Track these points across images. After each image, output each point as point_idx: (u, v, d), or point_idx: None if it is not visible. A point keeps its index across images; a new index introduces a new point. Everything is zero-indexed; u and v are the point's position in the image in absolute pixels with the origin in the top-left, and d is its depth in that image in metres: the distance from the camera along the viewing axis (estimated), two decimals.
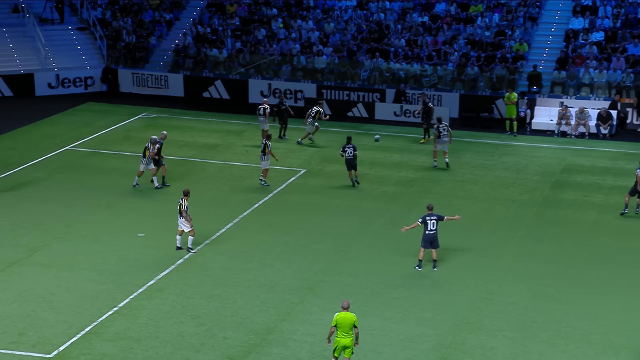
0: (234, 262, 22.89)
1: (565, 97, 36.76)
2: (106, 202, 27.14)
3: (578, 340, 18.79)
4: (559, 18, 40.71)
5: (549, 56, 39.07)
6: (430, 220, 22.08)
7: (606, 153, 32.65)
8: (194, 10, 45.45)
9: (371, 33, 41.47)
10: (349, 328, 16.89)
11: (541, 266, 22.61)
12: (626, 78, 36.72)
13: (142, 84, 41.82)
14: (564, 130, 34.96)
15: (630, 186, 26.30)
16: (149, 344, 18.68)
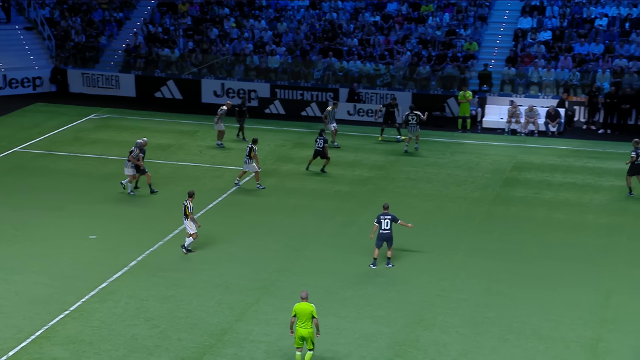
0: (189, 263, 22.75)
1: (515, 95, 37.26)
2: (56, 205, 26.76)
3: (529, 335, 19.07)
4: (508, 17, 41.28)
5: (498, 55, 39.58)
6: (384, 220, 22.22)
7: (555, 150, 33.20)
8: (144, 9, 45.07)
9: (324, 32, 41.56)
10: (307, 318, 17.07)
11: (493, 263, 22.89)
12: (573, 77, 37.36)
13: (93, 84, 41.38)
14: (514, 129, 35.45)
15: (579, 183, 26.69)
16: (102, 347, 18.47)
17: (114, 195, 27.88)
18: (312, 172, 30.35)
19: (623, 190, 28.31)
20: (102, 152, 32.54)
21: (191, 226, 23.07)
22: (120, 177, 28.94)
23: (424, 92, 38.35)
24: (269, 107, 38.52)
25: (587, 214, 26.42)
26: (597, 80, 36.76)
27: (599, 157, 32.30)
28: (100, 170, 30.43)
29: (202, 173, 30.11)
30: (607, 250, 23.55)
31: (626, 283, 21.65)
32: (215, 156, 32.11)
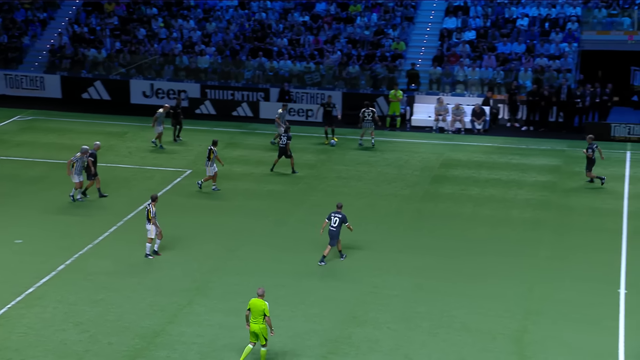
0: (119, 266, 22.42)
1: (442, 94, 37.79)
2: None
3: (457, 329, 19.39)
4: (434, 18, 41.85)
5: (425, 54, 40.10)
6: (333, 217, 22.61)
7: (481, 148, 33.82)
8: (69, 9, 44.23)
9: (254, 32, 41.45)
10: (259, 314, 17.25)
11: (423, 259, 23.19)
12: (497, 75, 38.13)
13: (16, 85, 40.46)
14: (442, 127, 35.98)
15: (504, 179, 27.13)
16: (29, 354, 18.06)
17: (41, 198, 27.27)
18: (243, 173, 30.24)
19: (546, 186, 29.05)
20: (28, 154, 31.81)
21: (153, 230, 22.64)
22: (45, 179, 28.36)
23: (353, 91, 38.61)
24: (199, 107, 38.24)
25: (511, 209, 26.99)
26: (520, 78, 37.60)
27: (523, 153, 33.04)
28: (27, 173, 29.74)
29: (132, 175, 29.70)
30: (531, 243, 24.12)
31: (549, 275, 22.22)
32: (145, 157, 31.71)
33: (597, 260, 23.06)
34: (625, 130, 34.60)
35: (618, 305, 20.54)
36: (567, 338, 18.98)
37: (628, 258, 23.22)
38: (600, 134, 34.41)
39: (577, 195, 28.26)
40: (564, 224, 25.73)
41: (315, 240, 24.30)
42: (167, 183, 28.81)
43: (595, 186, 28.92)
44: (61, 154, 31.56)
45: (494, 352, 18.43)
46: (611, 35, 39.05)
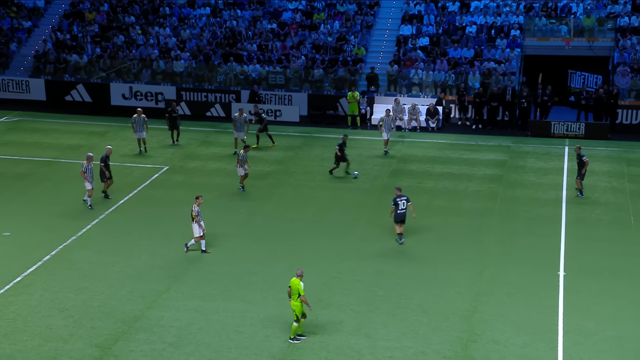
0: (101, 256, 22.17)
1: (399, 95, 37.91)
2: None
3: (414, 310, 19.49)
4: (391, 25, 41.94)
5: (383, 59, 40.17)
6: (400, 201, 22.86)
7: (435, 144, 33.99)
8: (52, 17, 43.56)
9: (225, 39, 41.19)
10: (294, 292, 17.45)
11: (382, 246, 23.26)
12: (448, 78, 38.36)
13: (3, 88, 39.77)
14: (399, 125, 36.06)
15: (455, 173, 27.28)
16: (17, 338, 17.80)
17: (27, 194, 26.86)
18: (217, 168, 30.03)
19: (494, 179, 29.29)
20: (14, 153, 31.30)
21: (197, 229, 21.99)
22: (32, 175, 27.93)
23: (318, 93, 38.56)
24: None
25: (463, 200, 27.18)
26: (469, 81, 37.85)
27: (473, 149, 33.27)
28: (13, 170, 29.27)
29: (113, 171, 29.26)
30: (480, 231, 24.33)
31: (497, 259, 22.42)
32: (125, 155, 31.37)
33: (539, 245, 23.32)
34: (564, 128, 35.04)
35: (557, 286, 20.80)
36: (512, 316, 19.19)
37: (566, 243, 23.52)
38: (541, 131, 35.01)
39: (521, 187, 28.54)
40: (510, 213, 25.97)
41: (284, 230, 24.28)
42: (145, 179, 28.55)
43: (538, 178, 29.22)
44: (45, 153, 31.16)
45: (447, 330, 18.56)
46: (550, 41, 39.62)
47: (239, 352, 17.48)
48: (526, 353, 17.66)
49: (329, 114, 37.32)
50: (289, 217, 25.28)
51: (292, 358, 17.37)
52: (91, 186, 25.18)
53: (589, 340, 18.17)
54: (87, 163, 25.18)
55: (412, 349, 17.74)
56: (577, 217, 25.56)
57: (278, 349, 17.70)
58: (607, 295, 20.31)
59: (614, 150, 33.04)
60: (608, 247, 23.29)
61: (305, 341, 18.04)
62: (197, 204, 22.10)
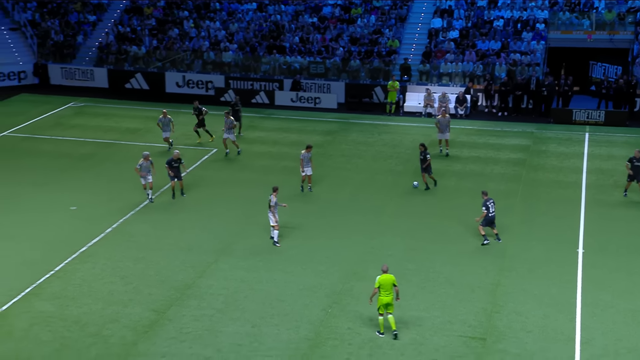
0: (156, 230, 22.44)
1: (430, 84, 37.54)
2: (41, 180, 26.08)
3: (442, 283, 19.37)
4: (423, 19, 41.41)
5: (416, 50, 39.73)
6: (491, 205, 21.29)
7: (463, 130, 33.59)
8: (114, 12, 43.94)
9: (270, 32, 41.13)
10: (390, 287, 16.51)
11: (413, 223, 23.13)
12: (477, 68, 37.81)
13: (71, 77, 40.28)
14: (430, 112, 35.74)
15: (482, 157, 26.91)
16: (83, 302, 18.16)
17: (91, 172, 27.28)
18: (261, 151, 30.09)
19: (517, 162, 28.87)
20: (80, 135, 31.76)
21: (272, 218, 21.11)
22: (95, 155, 28.30)
23: (355, 82, 38.33)
24: (223, 95, 38.04)
25: (488, 182, 26.83)
26: (496, 71, 37.28)
27: (498, 135, 32.82)
28: (78, 151, 29.71)
29: (167, 153, 29.61)
30: (505, 211, 23.98)
31: (519, 237, 22.15)
32: (178, 138, 31.60)
33: (560, 225, 22.97)
34: (585, 115, 34.34)
35: (576, 262, 20.49)
36: (533, 289, 18.97)
37: (586, 222, 23.12)
38: (563, 118, 34.35)
39: (543, 170, 28.08)
40: (532, 194, 25.60)
41: (323, 208, 24.27)
42: (196, 160, 28.75)
43: (559, 162, 28.72)
44: (107, 135, 31.57)
45: (472, 302, 18.42)
46: (573, 34, 38.82)
47: (281, 319, 17.58)
48: (546, 323, 17.46)
49: (364, 102, 37.10)
50: (326, 196, 25.26)
51: (329, 324, 17.41)
52: (144, 182, 24.24)
53: (605, 312, 17.89)
54: (143, 161, 24.24)
55: (439, 319, 17.66)
56: (596, 198, 25.09)
57: (316, 316, 17.75)
58: (623, 271, 19.95)
59: (632, 136, 32.31)
60: (625, 226, 22.84)
61: (341, 309, 18.07)
62: (274, 195, 21.21)
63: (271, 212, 21.23)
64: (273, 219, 21.25)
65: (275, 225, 21.25)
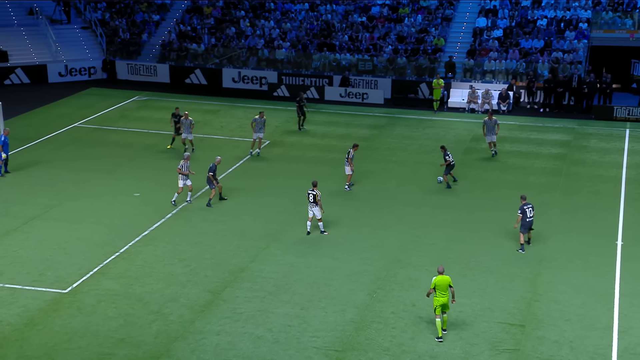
0: (212, 216, 22.72)
1: (474, 81, 36.99)
2: (108, 168, 26.65)
3: (483, 272, 19.13)
4: (468, 18, 40.79)
5: (460, 49, 39.18)
6: (527, 209, 20.13)
7: (505, 125, 32.97)
8: (176, 12, 44.50)
9: (321, 30, 41.09)
10: (445, 288, 15.91)
11: (455, 214, 22.88)
12: (519, 66, 37.08)
13: (135, 72, 40.99)
14: (473, 108, 35.23)
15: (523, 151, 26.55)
16: (145, 282, 18.52)
17: (154, 161, 27.74)
18: (309, 144, 30.11)
19: (558, 157, 28.25)
20: (144, 127, 32.32)
21: (319, 211, 20.84)
22: (157, 146, 28.73)
23: (401, 79, 38.02)
24: (276, 90, 38.21)
25: (529, 175, 26.36)
26: (539, 69, 36.50)
27: (540, 130, 32.16)
28: (142, 142, 30.24)
29: (222, 144, 29.95)
30: (546, 203, 23.54)
31: (559, 229, 21.69)
32: (234, 130, 31.92)
33: (599, 218, 22.41)
34: (626, 112, 33.37)
35: (615, 254, 19.97)
36: (572, 280, 18.57)
37: (625, 216, 22.50)
38: (604, 114, 33.44)
39: (584, 164, 27.41)
40: (573, 188, 25.02)
41: (368, 199, 24.19)
42: (249, 152, 28.94)
43: (600, 157, 27.99)
44: (168, 127, 31.95)
45: (512, 290, 18.14)
46: (616, 33, 37.69)
47: (328, 302, 17.63)
48: (584, 312, 17.09)
49: (410, 97, 36.77)
50: (372, 187, 25.17)
51: (373, 309, 17.38)
52: (182, 184, 23.32)
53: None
54: (185, 162, 23.55)
55: (479, 305, 17.44)
56: (636, 192, 24.37)
57: (361, 300, 17.74)
58: None
59: None
60: None
61: (385, 295, 18.01)
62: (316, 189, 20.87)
63: (319, 206, 20.89)
64: (320, 213, 20.92)
65: (319, 218, 20.98)
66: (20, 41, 40.84)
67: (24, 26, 41.71)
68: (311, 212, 21.08)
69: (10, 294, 17.69)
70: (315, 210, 21.02)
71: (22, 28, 41.57)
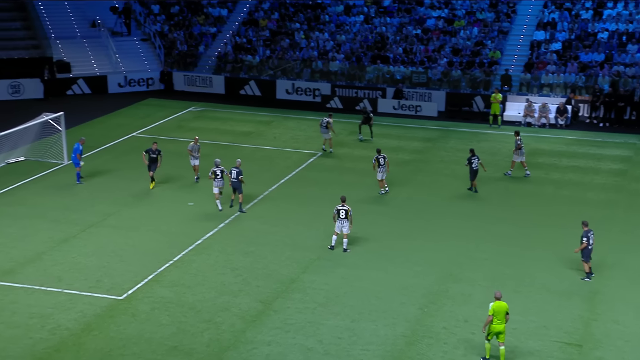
0: (264, 226, 22.89)
1: (530, 94, 36.38)
2: (163, 178, 27.14)
3: (538, 288, 18.71)
4: (526, 31, 40.19)
5: (517, 61, 38.60)
6: (591, 235, 19.27)
7: (562, 140, 32.32)
8: (233, 24, 45.23)
9: (375, 43, 41.14)
10: (503, 315, 15.37)
11: (509, 229, 22.48)
12: (578, 80, 36.28)
13: (192, 83, 41.77)
14: (529, 122, 34.64)
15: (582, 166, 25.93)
16: (198, 290, 18.78)
17: (207, 171, 28.10)
18: (361, 156, 30.10)
19: (619, 173, 27.46)
20: (198, 137, 32.73)
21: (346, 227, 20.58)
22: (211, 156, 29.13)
23: (455, 91, 37.69)
24: (329, 102, 38.39)
25: (588, 191, 25.71)
26: (599, 82, 35.63)
27: (599, 145, 31.35)
28: None
29: (276, 155, 30.22)
30: (605, 220, 22.90)
31: (620, 247, 21.06)
32: (287, 141, 32.17)
33: None
34: None
35: None
36: (633, 299, 17.99)
37: None
38: None
39: None
40: (634, 205, 24.28)
41: (420, 211, 24.00)
42: (302, 162, 29.14)
43: None
44: (222, 137, 32.50)
45: (569, 308, 17.69)
46: None
47: (378, 315, 17.53)
48: None
49: (464, 110, 36.39)
50: (425, 200, 24.98)
51: (425, 323, 17.20)
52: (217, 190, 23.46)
53: None
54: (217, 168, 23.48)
55: (534, 323, 17.06)
56: None
57: (413, 314, 17.58)
58: None
59: None
60: None
61: (436, 309, 17.79)
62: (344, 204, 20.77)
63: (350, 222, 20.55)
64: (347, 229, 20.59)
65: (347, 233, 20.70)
66: (82, 53, 42.19)
67: (86, 38, 43.07)
68: (339, 228, 20.67)
69: (68, 299, 18.19)
70: (345, 226, 20.65)
71: (85, 40, 42.94)
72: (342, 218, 20.64)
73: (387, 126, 34.18)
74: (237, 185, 23.65)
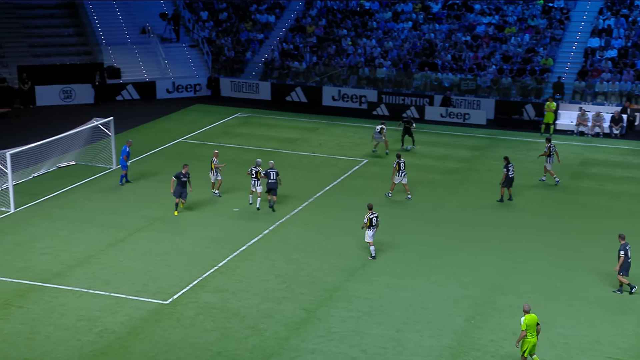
0: (309, 233, 22.95)
1: (584, 103, 35.61)
2: (209, 183, 27.42)
3: (591, 302, 18.27)
4: (580, 38, 39.41)
5: (570, 69, 37.88)
6: (629, 249, 19.04)
7: (617, 150, 31.52)
8: (280, 30, 45.60)
9: (423, 49, 40.91)
10: (534, 327, 15.29)
11: (560, 241, 22.01)
12: (635, 88, 35.35)
13: (238, 89, 42.22)
14: (582, 130, 33.92)
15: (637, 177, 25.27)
16: (242, 296, 18.92)
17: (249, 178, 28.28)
18: (407, 164, 29.88)
19: None
20: (244, 143, 33.14)
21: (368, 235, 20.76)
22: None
23: (505, 99, 37.17)
24: (376, 109, 38.31)
25: None
26: None
27: None
28: (242, 157, 30.98)
29: (321, 162, 30.28)
30: None
31: None
32: (332, 148, 32.20)
33: None
34: None
35: None
36: None
37: None
38: None
39: None
40: None
41: (468, 221, 23.71)
42: (347, 169, 29.13)
43: None
44: (268, 143, 32.73)
45: (623, 324, 17.21)
46: None
47: (424, 326, 17.37)
48: None
49: (514, 119, 35.85)
50: (472, 209, 24.67)
51: (472, 335, 16.96)
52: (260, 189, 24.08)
53: None
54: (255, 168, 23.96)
55: (587, 338, 16.64)
56: None
57: (459, 326, 17.36)
58: None
59: None
60: None
61: (483, 321, 17.53)
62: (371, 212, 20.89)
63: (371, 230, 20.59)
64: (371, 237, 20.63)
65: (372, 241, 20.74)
66: (132, 59, 43.13)
67: (136, 44, 44.04)
68: (370, 235, 20.67)
69: (115, 302, 18.55)
70: (371, 234, 20.67)
71: (135, 46, 43.91)
72: (374, 226, 20.67)
73: (434, 134, 33.91)
74: (275, 186, 23.95)
